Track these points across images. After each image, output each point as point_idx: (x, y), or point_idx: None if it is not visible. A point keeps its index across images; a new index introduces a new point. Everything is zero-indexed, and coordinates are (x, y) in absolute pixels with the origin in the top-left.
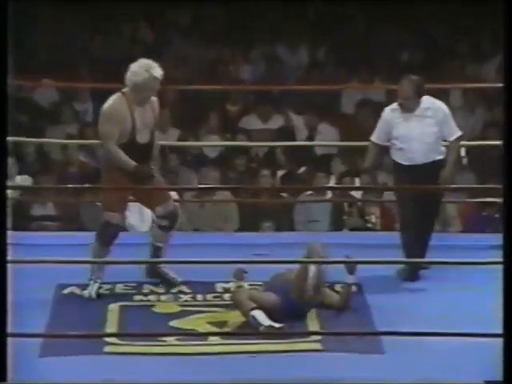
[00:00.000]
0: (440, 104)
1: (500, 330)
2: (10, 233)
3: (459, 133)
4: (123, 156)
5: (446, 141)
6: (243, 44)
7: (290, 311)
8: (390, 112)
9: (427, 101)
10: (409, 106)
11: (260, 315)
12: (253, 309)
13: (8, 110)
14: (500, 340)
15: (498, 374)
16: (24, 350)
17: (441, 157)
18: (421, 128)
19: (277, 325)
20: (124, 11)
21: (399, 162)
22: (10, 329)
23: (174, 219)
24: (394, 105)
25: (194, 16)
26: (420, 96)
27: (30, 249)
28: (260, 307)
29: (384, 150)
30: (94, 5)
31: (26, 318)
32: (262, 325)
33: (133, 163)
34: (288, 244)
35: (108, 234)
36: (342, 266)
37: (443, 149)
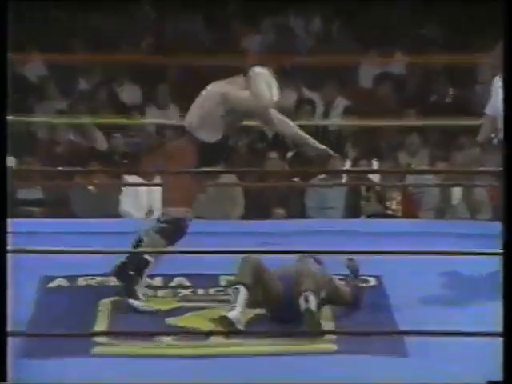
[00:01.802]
0: None
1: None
2: None
3: None
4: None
5: None
6: (254, 15)
7: (285, 308)
8: (499, 81)
9: None
10: None
11: (243, 295)
12: (243, 284)
13: (8, 108)
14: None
15: None
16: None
17: None
18: None
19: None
20: None
21: None
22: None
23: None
24: None
25: None
26: None
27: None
28: (266, 294)
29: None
30: None
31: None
32: (235, 305)
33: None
34: (299, 232)
35: (178, 232)
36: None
37: None
